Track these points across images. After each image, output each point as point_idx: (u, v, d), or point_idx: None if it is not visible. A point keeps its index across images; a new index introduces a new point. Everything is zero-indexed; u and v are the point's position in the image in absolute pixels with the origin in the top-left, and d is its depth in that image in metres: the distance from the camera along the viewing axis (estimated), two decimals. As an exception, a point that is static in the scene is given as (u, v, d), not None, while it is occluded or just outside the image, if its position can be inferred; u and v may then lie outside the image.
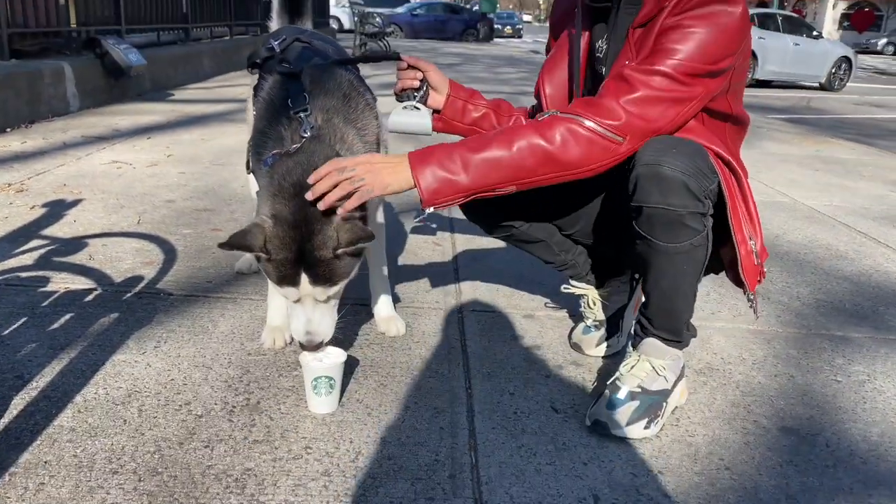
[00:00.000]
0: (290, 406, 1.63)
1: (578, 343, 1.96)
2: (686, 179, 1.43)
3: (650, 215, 1.47)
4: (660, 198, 1.44)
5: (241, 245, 1.42)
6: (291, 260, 1.44)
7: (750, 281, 1.55)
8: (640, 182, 1.46)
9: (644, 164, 1.45)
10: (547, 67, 1.79)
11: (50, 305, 2.06)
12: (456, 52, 17.02)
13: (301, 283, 1.46)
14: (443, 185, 1.42)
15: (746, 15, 1.47)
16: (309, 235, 1.43)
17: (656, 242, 1.49)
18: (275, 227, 1.44)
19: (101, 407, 1.58)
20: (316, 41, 1.91)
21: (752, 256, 1.54)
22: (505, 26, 32.41)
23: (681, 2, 1.46)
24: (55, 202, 3.07)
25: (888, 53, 35.23)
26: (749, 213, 1.55)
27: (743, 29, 1.46)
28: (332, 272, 1.46)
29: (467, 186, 1.43)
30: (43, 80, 5.09)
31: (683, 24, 1.44)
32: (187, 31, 8.39)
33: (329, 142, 1.57)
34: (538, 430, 1.59)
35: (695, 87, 1.47)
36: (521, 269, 2.60)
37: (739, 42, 1.47)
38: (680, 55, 1.44)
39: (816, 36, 13.74)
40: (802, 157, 5.45)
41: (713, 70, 1.46)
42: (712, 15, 1.44)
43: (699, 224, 1.47)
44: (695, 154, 1.46)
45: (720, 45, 1.45)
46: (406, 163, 1.43)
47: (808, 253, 3.02)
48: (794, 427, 1.67)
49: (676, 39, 1.45)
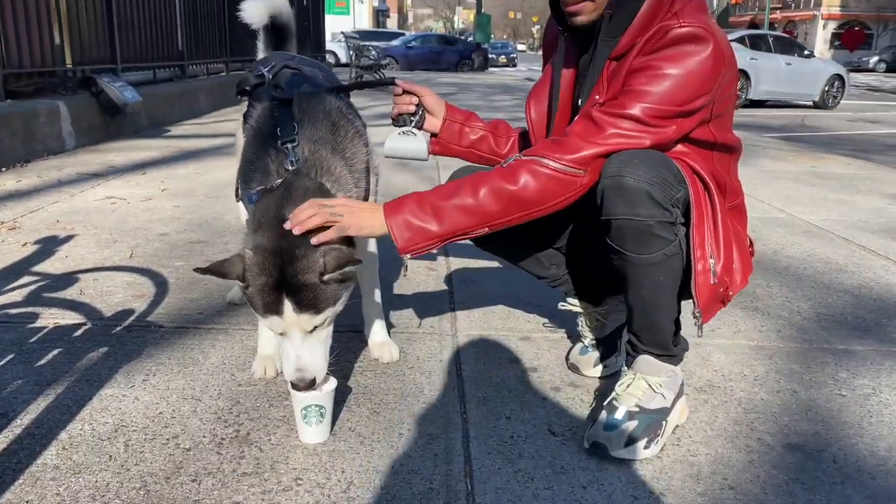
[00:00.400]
0: (280, 437, 1.59)
1: (576, 364, 1.93)
2: (649, 189, 1.41)
3: (619, 227, 1.46)
4: (625, 209, 1.43)
5: (218, 271, 1.41)
6: (272, 285, 1.41)
7: (700, 298, 1.50)
8: (606, 194, 1.45)
9: (608, 177, 1.44)
10: (534, 93, 1.79)
11: (38, 341, 2.03)
12: (451, 82, 17.16)
13: (285, 310, 1.42)
14: (415, 234, 1.46)
15: (719, 52, 1.43)
16: (290, 260, 1.41)
17: (629, 255, 1.48)
18: (255, 257, 1.43)
19: (86, 443, 1.54)
20: (305, 67, 1.91)
21: (707, 275, 1.49)
22: (499, 56, 32.79)
23: (650, 41, 1.45)
24: (47, 238, 3.05)
25: (880, 71, 35.50)
26: (716, 233, 1.51)
27: (714, 68, 1.44)
28: (317, 298, 1.42)
29: (439, 233, 1.47)
30: (38, 119, 5.11)
31: (653, 64, 1.44)
32: (183, 67, 8.46)
33: (314, 175, 1.56)
34: (535, 453, 1.55)
35: (665, 128, 1.46)
36: (517, 291, 2.56)
37: (713, 81, 1.45)
38: (649, 98, 1.43)
39: (808, 55, 13.86)
40: (798, 174, 5.45)
41: (684, 111, 1.45)
42: (682, 56, 1.42)
43: (669, 233, 1.46)
44: (658, 164, 1.44)
45: (691, 87, 1.43)
46: (380, 212, 1.47)
47: (808, 267, 2.98)
48: (800, 443, 1.62)
49: (646, 81, 1.44)
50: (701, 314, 1.51)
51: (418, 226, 1.46)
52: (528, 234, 1.79)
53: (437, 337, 2.16)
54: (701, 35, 1.42)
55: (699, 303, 1.50)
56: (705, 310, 1.51)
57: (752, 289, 2.68)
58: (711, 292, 1.51)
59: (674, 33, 1.43)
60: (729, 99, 1.57)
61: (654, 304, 1.53)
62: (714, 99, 1.49)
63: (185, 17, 8.28)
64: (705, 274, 1.49)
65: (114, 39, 6.57)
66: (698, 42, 1.42)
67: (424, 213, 1.46)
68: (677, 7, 1.46)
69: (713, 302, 1.53)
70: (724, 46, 1.45)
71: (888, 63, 35.81)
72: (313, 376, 1.47)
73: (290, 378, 1.47)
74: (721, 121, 1.57)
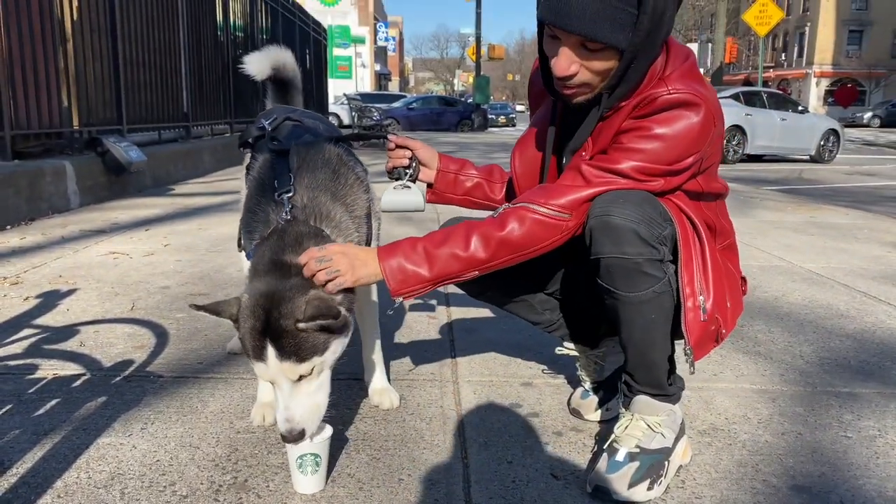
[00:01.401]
0: (278, 483, 1.57)
1: (577, 408, 1.91)
2: (636, 227, 1.43)
3: (608, 266, 1.47)
4: (613, 248, 1.44)
5: (213, 310, 1.43)
6: (259, 329, 1.40)
7: (691, 335, 1.49)
8: (594, 234, 1.47)
9: (594, 217, 1.47)
10: (519, 145, 1.80)
11: (36, 392, 2.02)
12: (452, 141, 17.42)
13: (268, 357, 1.40)
14: (408, 277, 1.50)
15: (709, 115, 1.46)
16: (277, 303, 1.41)
17: (619, 293, 1.48)
18: (248, 299, 1.44)
19: (81, 491, 1.52)
20: (307, 120, 1.94)
21: (697, 312, 1.49)
22: (499, 116, 33.33)
23: (640, 107, 1.48)
24: (49, 293, 3.06)
25: (874, 126, 36.01)
26: (705, 271, 1.52)
27: (704, 131, 1.46)
28: (299, 347, 1.40)
29: (430, 278, 1.51)
30: (44, 179, 5.19)
31: (644, 125, 1.47)
32: (188, 128, 8.61)
33: (313, 221, 1.58)
34: (537, 498, 1.52)
35: (652, 183, 1.49)
36: (517, 338, 2.56)
37: (702, 143, 1.48)
38: (638, 156, 1.46)
39: (802, 111, 14.08)
40: (797, 224, 5.48)
41: (673, 170, 1.48)
42: (673, 119, 1.45)
43: (658, 271, 1.47)
44: (643, 202, 1.46)
45: (681, 148, 1.46)
46: (375, 256, 1.51)
47: (809, 313, 2.98)
48: (806, 485, 1.59)
49: (636, 140, 1.47)
50: (692, 351, 1.50)
51: (411, 270, 1.50)
52: (519, 280, 1.80)
53: (438, 384, 2.14)
54: (691, 101, 1.44)
55: (690, 340, 1.49)
56: (696, 347, 1.50)
57: (754, 334, 2.67)
58: (702, 329, 1.50)
59: (663, 99, 1.45)
60: (714, 155, 1.59)
61: (646, 342, 1.53)
62: (703, 156, 1.52)
63: (190, 79, 8.48)
64: (695, 311, 1.49)
65: (120, 101, 6.71)
66: (688, 107, 1.45)
67: (418, 257, 1.50)
68: (668, 71, 1.49)
69: (705, 339, 1.52)
70: (713, 108, 1.47)
71: (882, 118, 36.35)
72: (301, 428, 1.43)
73: (280, 430, 1.44)
74: (707, 175, 1.60)
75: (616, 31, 1.37)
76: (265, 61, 2.19)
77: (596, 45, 1.40)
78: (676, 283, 1.50)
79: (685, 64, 1.50)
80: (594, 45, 1.40)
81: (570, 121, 1.64)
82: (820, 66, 48.45)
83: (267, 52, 2.19)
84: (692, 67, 1.51)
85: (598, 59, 1.43)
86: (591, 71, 1.45)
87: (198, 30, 8.83)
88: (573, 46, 1.43)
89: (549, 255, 1.57)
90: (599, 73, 1.45)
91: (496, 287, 1.82)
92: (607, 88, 1.49)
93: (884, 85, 47.33)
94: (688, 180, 1.54)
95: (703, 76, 1.54)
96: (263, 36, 11.99)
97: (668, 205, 1.52)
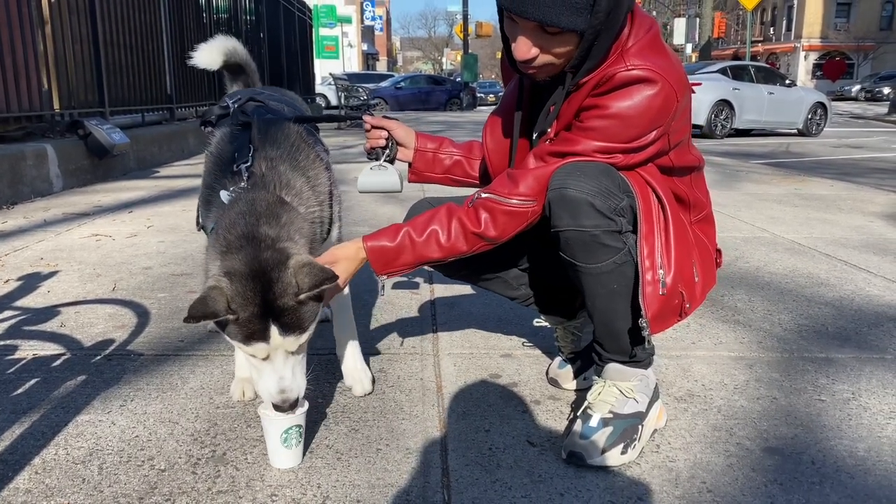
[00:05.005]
0: (256, 455, 1.58)
1: (555, 377, 1.92)
2: (591, 199, 1.43)
3: (567, 239, 1.48)
4: (570, 220, 1.45)
5: (205, 314, 1.33)
6: (258, 314, 1.37)
7: (649, 308, 1.47)
8: (552, 207, 1.48)
9: (552, 189, 1.47)
10: (490, 122, 1.78)
11: (15, 372, 2.02)
12: (440, 121, 17.33)
13: (271, 336, 1.39)
14: (390, 259, 1.57)
15: (669, 91, 1.43)
16: (269, 285, 1.38)
17: (580, 265, 1.49)
18: (233, 285, 1.38)
19: (59, 467, 1.53)
20: (272, 102, 1.91)
21: (657, 286, 1.47)
22: (488, 94, 33.16)
23: (600, 84, 1.46)
24: (30, 275, 3.05)
25: (862, 99, 36.05)
26: (667, 246, 1.51)
27: (665, 107, 1.44)
28: (300, 319, 1.40)
29: (411, 261, 1.58)
30: (25, 162, 5.15)
31: (601, 103, 1.45)
32: (172, 110, 8.54)
33: (273, 189, 1.56)
34: (514, 464, 1.54)
35: (612, 160, 1.49)
36: (499, 312, 2.57)
37: (663, 118, 1.46)
38: (596, 135, 1.46)
39: (789, 84, 14.07)
40: (782, 196, 5.50)
41: (631, 147, 1.48)
42: (630, 95, 1.43)
43: (618, 242, 1.47)
44: (600, 174, 1.46)
45: (640, 127, 1.45)
46: (360, 243, 1.57)
47: (790, 282, 3.00)
48: (779, 447, 1.61)
49: (594, 119, 1.46)
50: (648, 324, 1.47)
51: (394, 251, 1.56)
52: (491, 258, 1.79)
53: (419, 357, 2.15)
54: (649, 77, 1.42)
55: (647, 313, 1.47)
56: (654, 320, 1.48)
57: (734, 303, 2.69)
58: (661, 303, 1.48)
59: (620, 76, 1.43)
60: (686, 126, 1.58)
61: (610, 311, 1.53)
62: (668, 131, 1.50)
63: (173, 61, 8.39)
64: (654, 284, 1.47)
65: (102, 83, 6.64)
66: (647, 84, 1.42)
67: (403, 240, 1.56)
68: (630, 43, 1.46)
69: (666, 313, 1.50)
70: (674, 82, 1.44)
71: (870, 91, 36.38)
72: (297, 395, 1.45)
73: (275, 401, 1.43)
74: (680, 147, 1.58)
75: (573, 14, 1.34)
76: (214, 52, 2.14)
77: (554, 28, 1.38)
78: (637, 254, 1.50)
79: (647, 35, 1.47)
80: (553, 28, 1.38)
81: (538, 93, 1.64)
82: (808, 40, 48.34)
83: (214, 43, 2.15)
84: (654, 39, 1.48)
85: (557, 43, 1.42)
86: (551, 54, 1.44)
87: (180, 10, 8.73)
88: (532, 31, 1.42)
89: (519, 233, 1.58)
90: (560, 55, 1.44)
91: (469, 267, 1.82)
92: (571, 68, 1.47)
93: (872, 58, 47.31)
94: (657, 155, 1.53)
95: (665, 47, 1.50)
96: (247, 17, 11.85)
97: (632, 177, 1.51)
